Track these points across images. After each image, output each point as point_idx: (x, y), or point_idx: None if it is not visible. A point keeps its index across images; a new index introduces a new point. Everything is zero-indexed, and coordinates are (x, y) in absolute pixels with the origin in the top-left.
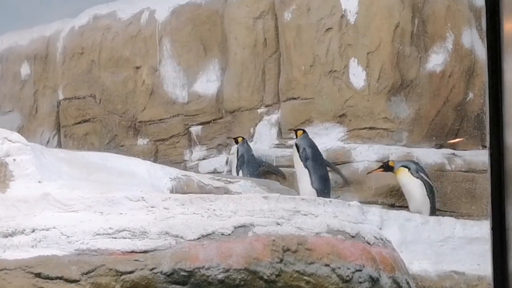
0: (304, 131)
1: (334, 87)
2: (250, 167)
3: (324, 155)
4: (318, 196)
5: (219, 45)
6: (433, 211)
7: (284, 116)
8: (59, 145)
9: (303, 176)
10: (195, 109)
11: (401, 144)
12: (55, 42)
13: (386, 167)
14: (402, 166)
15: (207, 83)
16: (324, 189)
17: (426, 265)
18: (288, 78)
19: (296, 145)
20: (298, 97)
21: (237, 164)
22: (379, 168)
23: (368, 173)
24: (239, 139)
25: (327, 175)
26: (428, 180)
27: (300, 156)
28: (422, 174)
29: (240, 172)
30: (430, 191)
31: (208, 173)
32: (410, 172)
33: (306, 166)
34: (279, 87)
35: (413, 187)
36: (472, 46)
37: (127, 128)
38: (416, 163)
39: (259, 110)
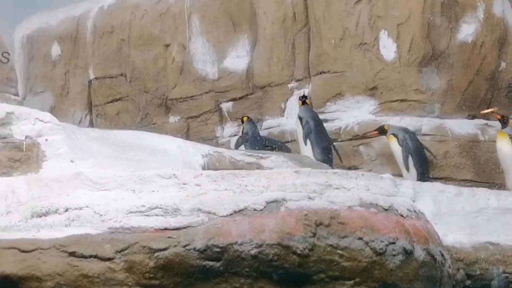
0: (303, 103)
1: (365, 59)
2: (254, 145)
3: (356, 129)
4: None
5: (248, 21)
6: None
7: (315, 90)
8: (91, 124)
9: (306, 149)
10: (226, 85)
11: (433, 116)
12: (84, 22)
13: (381, 131)
14: (392, 134)
15: (237, 59)
16: (326, 161)
17: (461, 236)
18: (318, 52)
19: (299, 117)
20: (329, 71)
21: (237, 141)
22: (375, 130)
23: (364, 134)
24: (244, 119)
25: (329, 147)
26: (415, 148)
27: (302, 129)
28: (409, 143)
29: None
30: (419, 160)
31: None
32: (397, 141)
33: (308, 139)
34: (309, 61)
35: (398, 155)
36: (503, 15)
37: (158, 106)
38: (408, 131)
39: (290, 85)
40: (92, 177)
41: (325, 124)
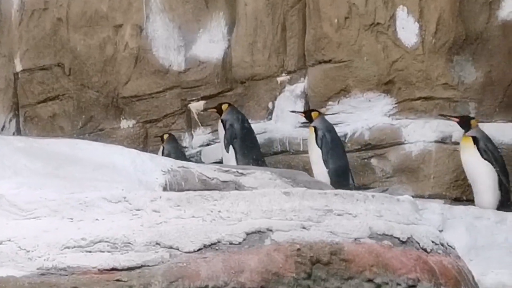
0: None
1: (378, 45)
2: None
3: (366, 136)
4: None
5: None
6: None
7: (313, 85)
8: (18, 131)
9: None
10: (195, 79)
11: None
12: None
13: (308, 115)
14: (314, 126)
15: (210, 45)
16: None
17: (504, 276)
18: (316, 35)
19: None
20: (331, 60)
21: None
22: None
23: None
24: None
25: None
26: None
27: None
28: (327, 145)
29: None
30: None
31: (214, 163)
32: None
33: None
34: (304, 47)
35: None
36: None
37: (107, 107)
38: (332, 132)
39: (280, 79)
40: (16, 202)
41: None
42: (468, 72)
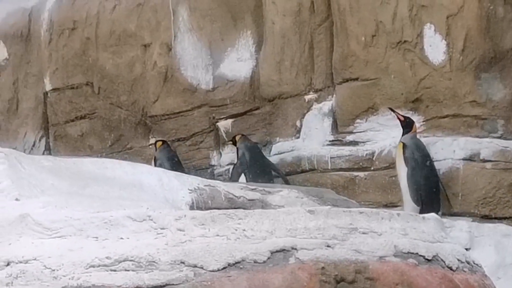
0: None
1: (405, 62)
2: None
3: (394, 154)
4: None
5: (252, 13)
6: None
7: (340, 103)
8: (48, 149)
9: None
10: (223, 98)
11: (495, 136)
12: (38, 16)
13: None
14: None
15: (238, 63)
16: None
17: None
18: (343, 53)
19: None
20: (358, 78)
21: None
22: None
23: None
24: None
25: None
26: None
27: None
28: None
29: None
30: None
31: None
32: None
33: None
34: (332, 65)
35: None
36: None
37: (136, 125)
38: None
39: (307, 97)
40: (42, 221)
41: (354, 148)
42: (496, 89)
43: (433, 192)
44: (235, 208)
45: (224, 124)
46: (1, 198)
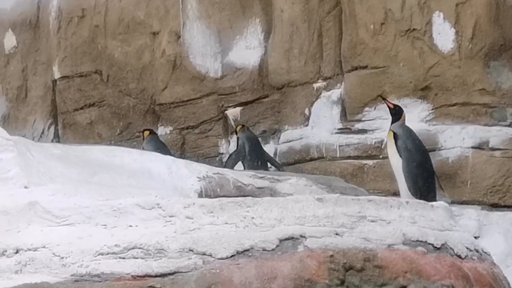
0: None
1: (414, 51)
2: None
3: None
4: None
5: (260, 1)
6: None
7: (349, 91)
8: (57, 137)
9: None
10: (232, 86)
11: (505, 124)
12: (47, 4)
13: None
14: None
15: (246, 51)
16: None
17: None
18: (352, 41)
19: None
20: (367, 66)
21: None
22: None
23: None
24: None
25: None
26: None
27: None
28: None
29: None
30: None
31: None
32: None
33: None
34: (341, 53)
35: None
36: None
37: (144, 113)
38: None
39: (316, 85)
40: (50, 208)
41: (363, 136)
42: (505, 77)
43: (429, 180)
44: (244, 196)
45: (233, 112)
46: (10, 185)
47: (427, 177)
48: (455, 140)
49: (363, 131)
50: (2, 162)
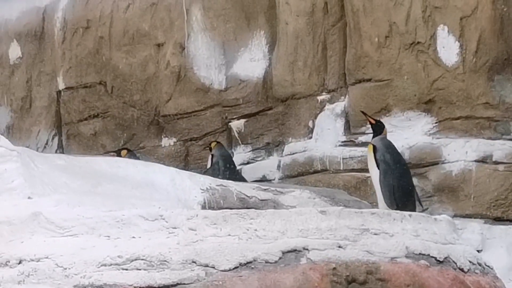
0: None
1: (418, 64)
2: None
3: (407, 155)
4: None
5: (265, 13)
6: None
7: (353, 104)
8: (61, 148)
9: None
10: (236, 98)
11: (508, 138)
12: (52, 15)
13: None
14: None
15: (251, 63)
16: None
17: None
18: (357, 54)
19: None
20: (371, 79)
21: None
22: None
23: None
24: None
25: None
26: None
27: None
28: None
29: None
30: None
31: (254, 181)
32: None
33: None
34: (345, 66)
35: None
36: None
37: (148, 125)
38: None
39: (320, 97)
40: (54, 219)
41: (367, 149)
42: (509, 91)
43: (407, 193)
44: (247, 208)
45: (237, 124)
46: (13, 196)
47: (404, 190)
48: (458, 154)
49: (366, 144)
50: (6, 173)
